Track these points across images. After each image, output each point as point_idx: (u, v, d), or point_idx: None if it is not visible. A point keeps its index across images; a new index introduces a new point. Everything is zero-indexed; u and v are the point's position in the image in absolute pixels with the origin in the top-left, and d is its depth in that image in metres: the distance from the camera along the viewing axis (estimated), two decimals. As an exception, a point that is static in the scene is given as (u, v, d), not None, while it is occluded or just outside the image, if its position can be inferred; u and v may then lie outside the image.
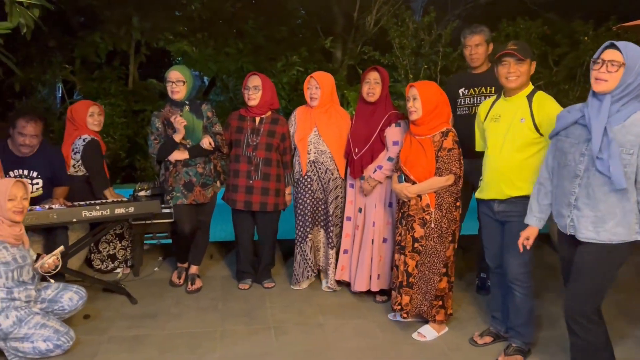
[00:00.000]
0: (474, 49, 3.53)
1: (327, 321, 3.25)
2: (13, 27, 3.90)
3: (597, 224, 2.21)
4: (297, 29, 7.66)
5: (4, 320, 2.60)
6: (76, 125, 3.75)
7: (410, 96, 2.94)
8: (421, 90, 2.91)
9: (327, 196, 3.58)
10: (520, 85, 2.67)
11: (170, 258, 4.29)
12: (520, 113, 2.64)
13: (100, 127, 3.85)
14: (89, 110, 3.75)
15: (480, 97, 3.54)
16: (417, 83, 2.97)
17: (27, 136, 3.31)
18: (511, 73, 2.63)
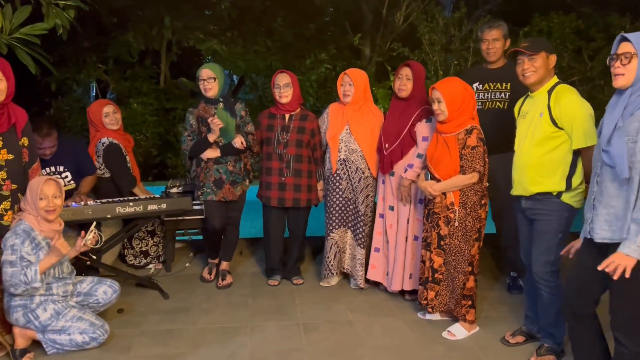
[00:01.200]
0: (490, 44, 3.49)
1: (356, 319, 3.25)
2: (49, 28, 4.01)
3: (611, 222, 2.13)
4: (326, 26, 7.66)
5: (42, 313, 2.69)
6: (96, 127, 3.81)
7: (434, 99, 2.91)
8: (444, 91, 2.88)
9: (357, 196, 3.56)
10: (539, 80, 2.64)
11: (201, 254, 4.35)
12: (540, 108, 2.62)
13: (118, 124, 3.88)
14: (103, 112, 3.79)
15: (495, 92, 3.50)
16: (438, 84, 2.93)
17: (45, 148, 3.40)
18: (525, 70, 2.63)
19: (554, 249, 2.57)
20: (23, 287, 2.57)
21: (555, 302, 2.69)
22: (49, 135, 3.38)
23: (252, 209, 3.93)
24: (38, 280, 2.58)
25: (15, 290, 2.58)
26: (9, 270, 2.58)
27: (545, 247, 2.63)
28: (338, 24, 7.81)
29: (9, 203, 2.71)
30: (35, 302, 2.68)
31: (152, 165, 6.67)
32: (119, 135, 3.85)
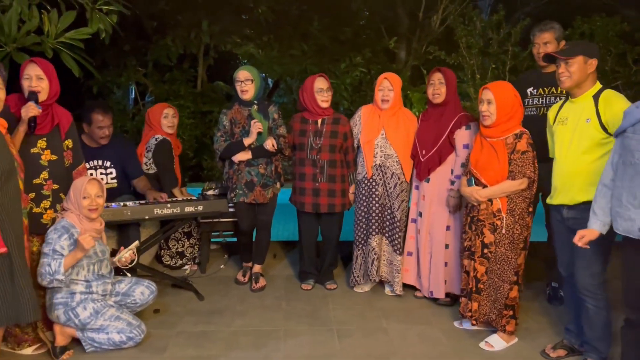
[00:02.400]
0: (542, 47, 3.40)
1: (391, 325, 3.21)
2: (93, 33, 4.12)
3: None
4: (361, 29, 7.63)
5: (82, 311, 2.75)
6: (152, 127, 3.91)
7: (484, 99, 2.84)
8: (497, 93, 2.81)
9: (392, 202, 3.52)
10: (574, 84, 2.56)
11: (235, 256, 4.38)
12: (586, 114, 2.54)
13: (173, 129, 3.97)
14: (164, 112, 3.90)
15: (550, 97, 3.39)
16: (491, 85, 2.87)
17: (105, 127, 3.51)
18: (560, 74, 2.57)
19: (600, 259, 2.48)
20: (48, 277, 2.62)
21: (602, 314, 2.60)
22: (108, 113, 3.51)
23: (284, 212, 3.93)
24: (61, 272, 2.61)
25: (42, 280, 2.64)
26: (41, 261, 2.65)
27: (591, 258, 2.54)
28: (373, 28, 7.77)
29: (49, 202, 2.78)
30: (75, 300, 2.74)
31: (188, 167, 6.76)
32: (171, 138, 3.95)
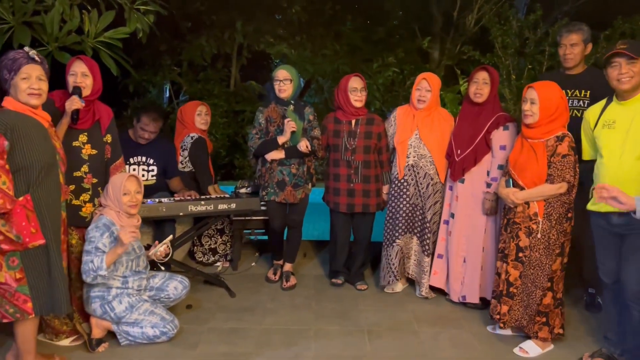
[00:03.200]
0: (568, 49, 3.31)
1: (422, 328, 3.17)
2: (131, 32, 4.20)
3: None
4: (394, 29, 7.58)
5: (117, 305, 2.80)
6: (185, 125, 3.96)
7: (528, 98, 2.77)
8: (541, 93, 2.74)
9: (424, 202, 3.49)
10: (635, 86, 2.45)
11: (266, 254, 4.40)
12: (639, 117, 2.42)
13: (207, 126, 4.04)
14: (197, 110, 3.95)
15: (574, 100, 3.31)
16: (537, 85, 2.79)
17: (146, 132, 3.63)
18: (623, 74, 2.44)
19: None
20: (92, 274, 2.68)
21: None
22: (155, 121, 3.60)
23: (315, 211, 3.93)
24: (104, 268, 2.67)
25: (86, 277, 2.70)
26: (83, 259, 2.71)
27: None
28: (407, 27, 7.71)
29: (88, 195, 2.85)
30: (111, 294, 2.80)
31: (220, 165, 6.84)
32: (204, 135, 4.00)
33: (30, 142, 2.31)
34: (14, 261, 2.27)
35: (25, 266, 2.29)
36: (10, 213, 2.24)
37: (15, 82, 2.30)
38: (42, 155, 2.34)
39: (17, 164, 2.26)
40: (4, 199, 2.20)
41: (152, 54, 6.77)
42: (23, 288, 2.30)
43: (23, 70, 2.30)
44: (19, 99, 2.33)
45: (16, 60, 2.30)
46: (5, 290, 2.29)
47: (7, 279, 2.28)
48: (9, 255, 2.27)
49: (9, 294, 2.29)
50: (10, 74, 2.30)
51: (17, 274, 2.29)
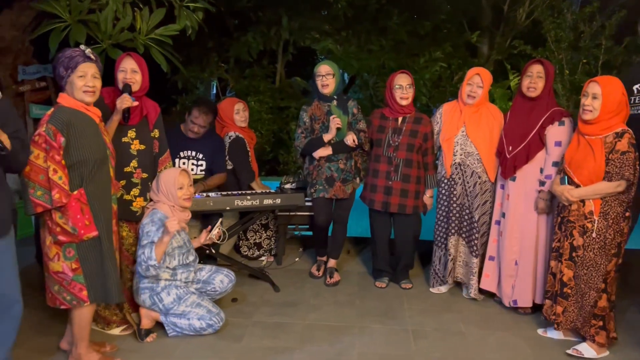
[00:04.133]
0: None
1: (469, 330, 3.09)
2: (180, 29, 4.28)
3: None
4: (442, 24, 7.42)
5: (166, 296, 2.86)
6: (223, 123, 3.99)
7: (590, 93, 2.65)
8: (605, 88, 2.61)
9: (472, 202, 3.40)
10: None
11: (310, 250, 4.41)
12: None
13: (246, 122, 4.06)
14: (235, 108, 3.98)
15: None
16: (601, 79, 2.66)
17: (196, 125, 3.66)
18: None
19: None
20: (144, 265, 2.75)
21: None
22: (205, 114, 3.64)
23: (358, 208, 3.89)
24: (153, 258, 2.73)
25: (141, 269, 2.77)
26: (138, 252, 2.79)
27: None
28: (455, 22, 7.53)
29: (138, 190, 2.92)
30: (160, 285, 2.86)
31: (265, 161, 6.90)
32: (244, 131, 4.03)
33: (84, 137, 2.38)
34: (70, 252, 2.36)
35: (80, 257, 2.37)
36: (66, 206, 2.32)
37: (71, 79, 2.37)
38: (94, 151, 2.41)
39: (72, 159, 2.34)
40: (60, 193, 2.28)
41: (200, 51, 6.90)
42: (78, 277, 2.39)
43: (79, 68, 2.37)
44: (74, 96, 2.40)
45: (73, 58, 2.37)
46: (62, 279, 2.38)
47: (64, 269, 2.36)
48: (66, 247, 2.35)
49: (66, 283, 2.38)
50: (67, 71, 2.37)
51: (73, 264, 2.37)
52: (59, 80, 2.43)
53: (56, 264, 2.37)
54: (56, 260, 2.36)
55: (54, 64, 2.43)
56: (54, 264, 2.37)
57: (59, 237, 2.33)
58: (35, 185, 2.27)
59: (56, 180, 2.28)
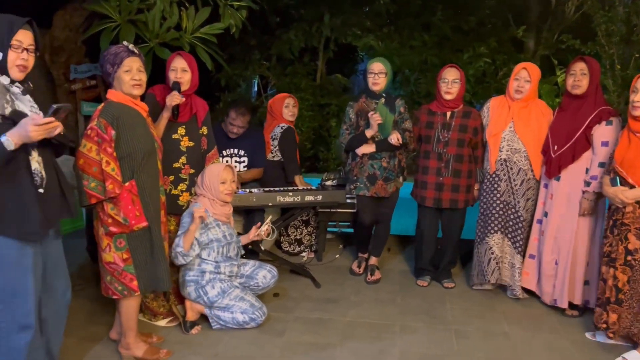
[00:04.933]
0: None
1: (513, 331, 3.03)
2: (224, 28, 4.36)
3: None
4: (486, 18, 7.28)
5: (210, 289, 2.92)
6: (274, 116, 4.07)
7: (639, 88, 2.55)
8: None
9: (517, 199, 3.32)
10: None
11: (350, 247, 4.41)
12: None
13: (294, 117, 4.13)
14: (285, 102, 4.05)
15: None
16: None
17: (235, 126, 3.72)
18: None
19: None
20: (173, 252, 2.83)
21: None
22: (243, 115, 3.69)
23: (401, 206, 3.86)
24: (181, 245, 2.80)
25: (174, 258, 2.83)
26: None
27: None
28: (500, 16, 7.38)
29: (185, 185, 2.99)
30: (205, 279, 2.92)
31: (305, 157, 6.94)
32: (293, 127, 4.07)
33: (133, 131, 2.45)
34: (121, 243, 2.44)
35: (131, 247, 2.45)
36: (118, 198, 2.39)
37: (118, 74, 2.44)
38: (143, 143, 2.48)
39: (122, 151, 2.41)
40: (113, 184, 2.37)
41: (243, 49, 6.99)
42: (129, 267, 2.47)
43: (125, 62, 2.43)
44: (122, 90, 2.47)
45: (118, 54, 2.45)
46: (114, 269, 2.46)
47: (115, 259, 2.45)
48: (117, 237, 2.43)
49: (117, 273, 2.46)
50: (114, 67, 2.44)
51: (124, 254, 2.45)
52: (106, 77, 2.50)
53: (108, 254, 2.45)
54: (108, 251, 2.45)
55: (100, 62, 2.51)
56: (106, 255, 2.46)
57: (110, 228, 2.41)
58: (89, 177, 2.35)
59: (109, 171, 2.36)
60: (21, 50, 1.96)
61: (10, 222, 1.96)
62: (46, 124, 1.86)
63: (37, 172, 2.00)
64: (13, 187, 1.96)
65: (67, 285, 2.30)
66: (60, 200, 2.14)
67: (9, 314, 2.03)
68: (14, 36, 1.93)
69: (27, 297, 2.04)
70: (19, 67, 1.96)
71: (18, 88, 1.99)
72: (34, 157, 2.00)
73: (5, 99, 1.93)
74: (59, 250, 2.24)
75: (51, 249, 2.18)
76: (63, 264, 2.27)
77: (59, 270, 2.24)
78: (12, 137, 1.84)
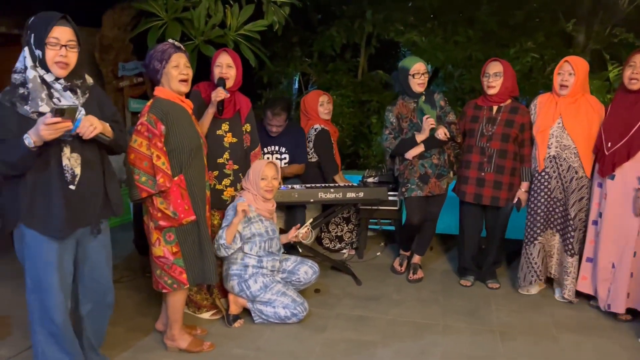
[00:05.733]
0: None
1: (562, 335, 2.93)
2: (268, 25, 4.38)
3: None
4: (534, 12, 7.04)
5: (253, 284, 2.95)
6: (309, 116, 4.04)
7: None
8: None
9: (567, 197, 3.21)
10: None
11: (392, 245, 4.37)
12: None
13: (329, 115, 4.09)
14: (319, 100, 4.00)
15: None
16: None
17: (273, 126, 3.71)
18: None
19: None
20: (216, 243, 2.86)
21: None
22: (279, 115, 3.68)
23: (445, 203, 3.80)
24: (223, 237, 2.84)
25: (217, 250, 2.86)
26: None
27: None
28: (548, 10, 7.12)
29: (229, 181, 3.03)
30: (248, 273, 2.95)
31: (345, 154, 6.90)
32: (327, 124, 4.05)
33: (180, 126, 2.49)
34: (170, 236, 2.49)
35: (180, 241, 2.50)
36: (168, 192, 2.44)
37: (166, 70, 2.48)
38: (190, 139, 2.52)
39: (171, 146, 2.46)
40: (164, 178, 2.41)
41: (284, 46, 7.01)
42: (179, 261, 2.52)
43: (173, 58, 2.47)
44: (170, 87, 2.51)
45: (165, 50, 2.49)
46: (164, 263, 2.52)
47: (165, 253, 2.50)
48: (166, 231, 2.48)
49: (167, 267, 2.52)
50: (162, 63, 2.48)
51: (174, 247, 2.50)
52: (154, 75, 2.53)
53: (158, 248, 2.51)
54: (157, 245, 2.51)
55: (147, 60, 2.54)
56: (156, 249, 2.51)
57: (160, 222, 2.46)
58: (139, 171, 2.41)
59: (160, 165, 2.41)
60: (59, 47, 1.97)
61: (38, 216, 2.00)
62: (54, 124, 1.85)
63: (67, 168, 2.02)
64: (42, 182, 2.00)
65: (108, 289, 2.33)
66: (98, 198, 2.16)
67: (39, 303, 2.10)
68: (50, 33, 1.95)
69: (53, 292, 2.08)
70: (59, 64, 1.98)
71: (60, 85, 2.02)
72: (66, 154, 2.02)
73: (40, 97, 1.96)
74: (100, 253, 2.25)
75: (90, 250, 2.21)
76: (103, 267, 2.29)
77: (97, 272, 2.26)
78: (31, 135, 1.88)
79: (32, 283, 2.09)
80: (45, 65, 1.97)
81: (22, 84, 1.96)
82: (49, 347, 2.15)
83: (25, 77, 1.96)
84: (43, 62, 1.97)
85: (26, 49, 1.97)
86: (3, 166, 1.92)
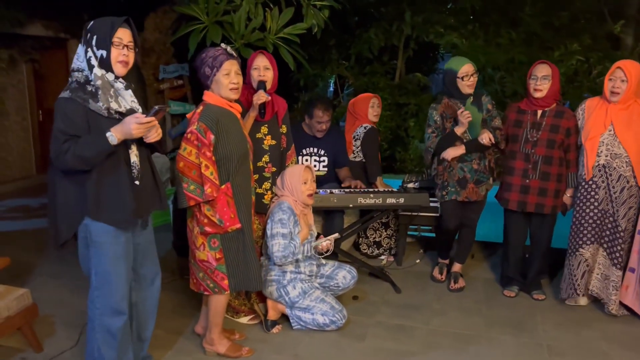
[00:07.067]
0: None
1: (613, 351, 2.79)
2: (307, 28, 4.36)
3: None
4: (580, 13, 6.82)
5: (292, 289, 2.92)
6: (357, 116, 4.00)
7: None
8: None
9: (616, 208, 3.07)
10: None
11: (431, 252, 4.27)
12: None
13: (377, 118, 4.06)
14: (370, 102, 3.99)
15: None
16: None
17: (323, 123, 3.63)
18: None
19: None
20: (291, 257, 2.83)
21: None
22: (327, 110, 3.62)
23: (486, 210, 3.69)
24: (301, 251, 2.84)
25: (285, 260, 2.83)
26: (282, 242, 2.82)
27: None
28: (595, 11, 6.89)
29: (269, 184, 3.01)
30: (286, 278, 2.92)
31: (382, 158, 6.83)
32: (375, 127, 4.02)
33: (230, 134, 2.48)
34: (214, 243, 2.49)
35: (224, 247, 2.49)
36: (215, 200, 2.44)
37: (217, 77, 2.46)
38: (239, 146, 2.50)
39: (219, 154, 2.45)
40: (212, 188, 2.41)
41: (321, 49, 6.99)
42: (221, 267, 2.51)
43: (224, 66, 2.44)
44: (220, 94, 2.49)
45: (217, 57, 2.46)
46: (207, 267, 2.52)
47: (209, 258, 2.50)
48: (211, 237, 2.48)
49: (210, 271, 2.52)
50: (213, 70, 2.45)
51: (217, 254, 2.49)
52: (204, 80, 2.51)
53: (202, 253, 2.51)
54: (202, 250, 2.50)
55: (197, 64, 2.52)
56: (200, 253, 2.51)
57: (205, 229, 2.46)
58: (188, 180, 2.42)
59: (208, 175, 2.41)
60: (122, 47, 2.06)
61: (106, 209, 2.07)
62: (147, 123, 1.98)
63: (135, 165, 2.13)
64: (113, 177, 2.08)
65: (156, 272, 2.40)
66: (153, 192, 2.26)
67: (104, 299, 2.16)
68: (115, 34, 2.03)
69: (120, 283, 2.16)
70: (122, 63, 2.07)
71: (122, 84, 2.10)
72: (133, 151, 2.13)
73: (109, 94, 2.05)
74: (149, 239, 2.34)
75: (141, 238, 2.29)
76: (153, 252, 2.37)
77: (148, 258, 2.34)
78: (115, 132, 1.98)
79: (98, 279, 2.15)
80: (106, 65, 2.05)
81: (87, 82, 2.04)
82: (105, 345, 2.19)
83: (86, 75, 2.04)
84: (105, 61, 2.05)
85: (86, 49, 2.05)
86: (78, 161, 1.98)
